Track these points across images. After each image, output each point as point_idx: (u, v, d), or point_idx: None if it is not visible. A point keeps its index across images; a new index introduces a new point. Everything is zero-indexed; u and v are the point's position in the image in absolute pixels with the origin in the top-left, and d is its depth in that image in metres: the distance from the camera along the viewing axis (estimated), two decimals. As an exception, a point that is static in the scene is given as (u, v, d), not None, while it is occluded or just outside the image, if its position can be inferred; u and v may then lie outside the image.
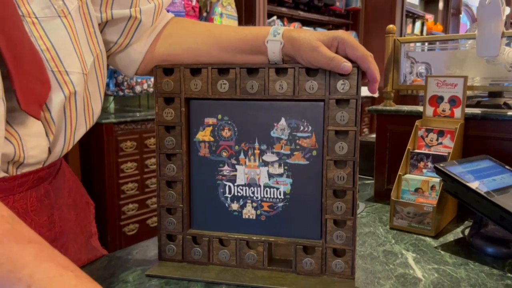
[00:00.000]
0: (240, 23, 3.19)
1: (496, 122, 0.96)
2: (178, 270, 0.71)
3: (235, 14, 3.11)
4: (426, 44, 1.14)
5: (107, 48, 0.70)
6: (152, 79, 3.01)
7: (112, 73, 2.59)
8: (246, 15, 3.30)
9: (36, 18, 0.55)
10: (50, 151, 0.61)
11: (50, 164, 0.63)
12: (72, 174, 0.78)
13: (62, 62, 0.57)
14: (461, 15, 6.65)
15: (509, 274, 0.71)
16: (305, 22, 4.17)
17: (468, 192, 0.78)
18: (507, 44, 0.99)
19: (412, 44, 1.14)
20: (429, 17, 5.84)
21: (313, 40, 0.62)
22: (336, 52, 0.63)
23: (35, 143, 0.57)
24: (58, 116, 0.59)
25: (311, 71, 0.66)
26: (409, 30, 5.38)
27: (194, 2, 2.87)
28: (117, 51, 0.71)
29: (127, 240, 2.45)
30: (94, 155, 2.42)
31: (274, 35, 0.65)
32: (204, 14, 3.02)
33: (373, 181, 1.17)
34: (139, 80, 2.67)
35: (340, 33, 0.63)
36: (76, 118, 0.62)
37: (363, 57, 0.61)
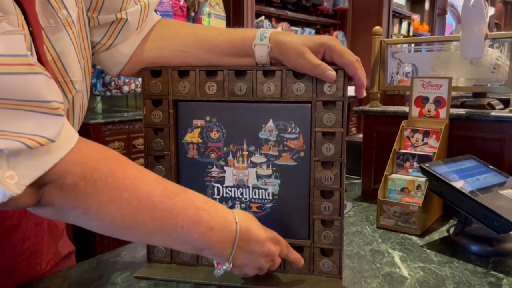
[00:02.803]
0: (228, 23, 3.19)
1: (480, 122, 0.98)
2: (167, 272, 0.71)
3: (223, 14, 3.11)
4: (413, 45, 1.15)
5: (91, 46, 0.70)
6: (140, 79, 2.98)
7: (100, 73, 2.57)
8: (234, 15, 3.30)
9: (42, 28, 0.54)
10: None
11: None
12: None
13: (68, 73, 0.58)
14: (446, 15, 6.73)
15: (492, 272, 0.73)
16: (293, 22, 4.18)
17: (453, 192, 0.80)
18: (491, 46, 1.01)
19: (399, 45, 1.15)
20: (416, 17, 5.90)
21: (300, 45, 0.63)
22: (323, 58, 0.64)
23: None
24: None
25: (298, 74, 0.66)
26: (395, 30, 5.43)
27: (182, 2, 2.87)
28: (100, 50, 0.71)
29: (115, 240, 2.43)
30: (81, 156, 2.40)
31: (261, 39, 0.65)
32: (192, 14, 3.02)
33: (360, 181, 1.18)
34: (126, 80, 2.65)
35: (327, 39, 0.63)
36: (73, 120, 0.63)
37: (350, 64, 0.62)
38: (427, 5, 6.26)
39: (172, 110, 0.71)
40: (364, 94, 0.64)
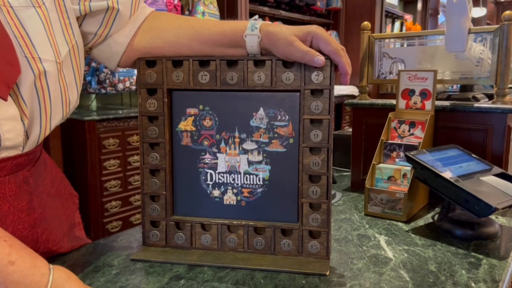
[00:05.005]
0: (222, 22, 3.21)
1: (464, 113, 1.02)
2: (162, 254, 0.74)
3: (217, 13, 3.14)
4: (406, 40, 1.19)
5: (87, 40, 0.73)
6: (135, 77, 3.00)
7: (94, 70, 2.59)
8: (228, 14, 3.33)
9: (11, 7, 0.57)
10: (27, 136, 0.63)
11: (29, 151, 0.66)
12: (55, 166, 0.81)
13: (36, 49, 0.59)
14: (439, 16, 6.80)
15: (473, 253, 0.76)
16: (287, 22, 4.22)
17: (436, 178, 0.83)
18: (474, 41, 1.04)
19: (392, 40, 1.18)
20: (408, 17, 5.96)
21: (289, 35, 0.66)
22: (310, 46, 0.67)
23: (10, 126, 0.59)
24: (28, 97, 0.60)
25: (287, 63, 0.70)
26: (388, 30, 5.49)
27: (176, 1, 2.89)
28: (97, 43, 0.74)
29: (110, 230, 2.46)
30: (76, 153, 2.42)
31: (252, 30, 0.68)
32: (186, 12, 3.04)
33: (350, 173, 1.21)
34: (121, 78, 2.67)
35: (314, 28, 0.67)
36: (50, 103, 0.63)
37: (335, 52, 0.66)
38: (419, 5, 6.32)
39: (166, 99, 0.73)
40: (348, 82, 0.68)
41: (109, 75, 2.61)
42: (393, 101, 1.09)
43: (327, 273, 0.68)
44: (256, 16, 3.71)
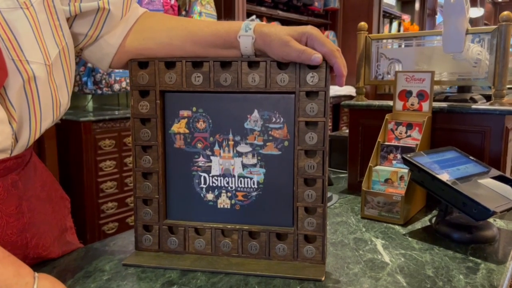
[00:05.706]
0: (219, 22, 3.20)
1: (462, 115, 1.00)
2: (155, 259, 0.73)
3: (214, 13, 3.12)
4: (403, 41, 1.18)
5: (78, 41, 0.71)
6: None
7: (90, 71, 2.57)
8: (225, 14, 3.32)
9: None
10: (16, 139, 0.62)
11: (18, 155, 0.64)
12: (45, 169, 0.79)
13: (24, 52, 0.58)
14: (437, 16, 6.80)
15: (471, 257, 0.75)
16: (284, 22, 4.21)
17: (434, 181, 0.82)
18: (472, 41, 1.03)
19: (390, 41, 1.17)
20: (406, 17, 5.96)
21: (283, 35, 0.65)
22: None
23: None
24: (17, 100, 0.59)
25: (282, 64, 0.68)
26: (386, 30, 5.48)
27: (173, 1, 2.87)
28: (88, 44, 0.72)
29: (104, 233, 2.44)
30: (72, 154, 2.40)
31: (246, 30, 0.67)
32: (183, 12, 3.03)
33: (347, 175, 1.20)
34: (117, 79, 2.65)
35: (309, 28, 0.66)
36: (40, 106, 0.62)
37: (330, 53, 0.64)
38: (417, 6, 6.32)
39: (159, 100, 0.72)
40: (344, 84, 0.66)
41: (105, 76, 2.59)
42: (390, 103, 1.08)
43: (323, 278, 0.66)
44: (254, 17, 3.70)
